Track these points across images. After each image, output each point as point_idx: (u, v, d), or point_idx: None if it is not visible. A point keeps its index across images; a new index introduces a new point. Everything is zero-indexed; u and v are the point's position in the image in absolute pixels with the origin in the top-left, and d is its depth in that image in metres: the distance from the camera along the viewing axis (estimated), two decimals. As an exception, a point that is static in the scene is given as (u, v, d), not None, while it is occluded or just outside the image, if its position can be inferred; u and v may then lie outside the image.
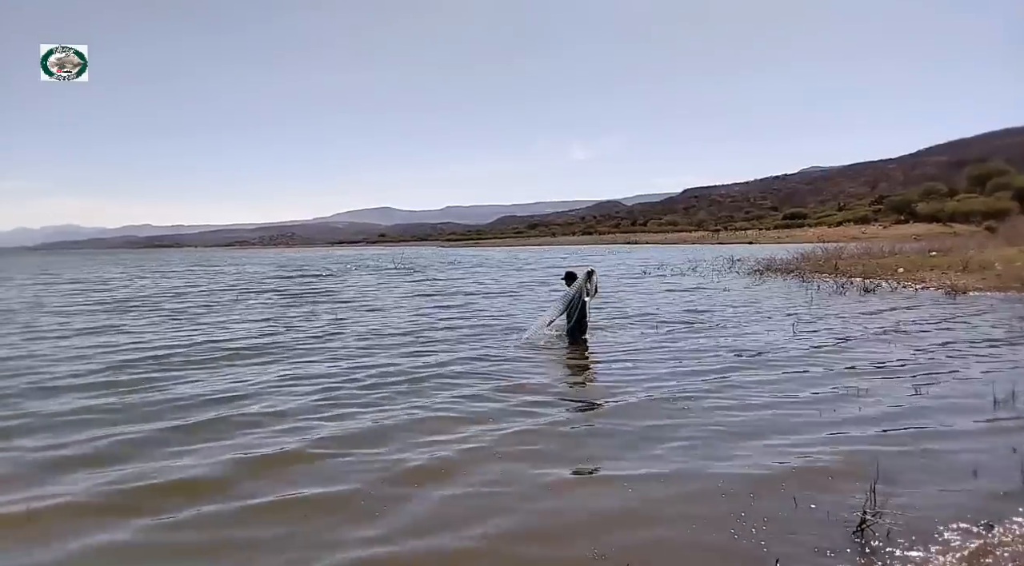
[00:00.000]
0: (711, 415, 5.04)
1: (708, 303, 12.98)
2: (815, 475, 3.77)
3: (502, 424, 4.89)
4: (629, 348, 8.04)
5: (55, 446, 4.57)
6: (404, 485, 3.76)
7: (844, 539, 3.01)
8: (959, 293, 12.80)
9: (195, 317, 12.43)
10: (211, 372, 7.08)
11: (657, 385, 6.07)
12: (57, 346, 8.98)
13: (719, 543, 3.04)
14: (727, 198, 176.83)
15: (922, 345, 7.74)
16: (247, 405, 5.57)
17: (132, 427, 4.95)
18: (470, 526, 3.23)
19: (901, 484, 3.55)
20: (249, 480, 3.87)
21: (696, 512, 3.33)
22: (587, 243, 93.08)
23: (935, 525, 3.11)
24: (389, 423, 4.97)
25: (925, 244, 26.42)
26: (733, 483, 3.67)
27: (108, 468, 4.10)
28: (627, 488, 3.67)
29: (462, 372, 6.83)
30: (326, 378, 6.59)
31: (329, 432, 4.76)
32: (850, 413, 5.01)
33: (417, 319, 11.49)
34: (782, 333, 8.88)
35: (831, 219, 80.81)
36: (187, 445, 4.52)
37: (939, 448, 4.19)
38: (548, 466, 4.01)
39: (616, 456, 4.21)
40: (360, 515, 3.38)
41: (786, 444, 4.32)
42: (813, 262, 21.13)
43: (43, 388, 6.38)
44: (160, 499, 3.61)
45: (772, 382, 6.08)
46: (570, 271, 8.67)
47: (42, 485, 3.86)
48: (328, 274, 28.04)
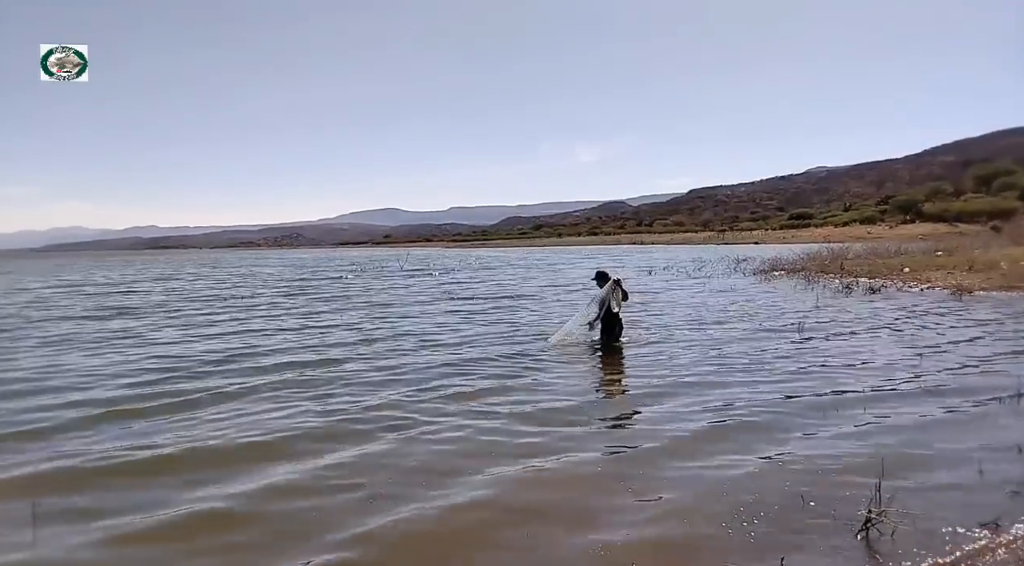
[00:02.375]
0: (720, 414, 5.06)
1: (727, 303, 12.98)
2: (819, 473, 3.77)
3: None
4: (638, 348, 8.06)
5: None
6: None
7: (849, 538, 3.01)
8: (965, 293, 12.75)
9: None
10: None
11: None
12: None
13: (722, 540, 3.05)
14: (733, 198, 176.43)
15: (928, 344, 7.72)
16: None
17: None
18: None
19: (906, 482, 3.55)
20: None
21: (699, 508, 3.34)
22: (593, 244, 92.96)
23: (941, 523, 3.10)
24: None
25: (931, 244, 26.33)
26: (736, 480, 3.69)
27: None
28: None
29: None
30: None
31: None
32: (853, 410, 5.01)
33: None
34: (788, 337, 8.89)
35: (837, 219, 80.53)
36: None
37: (945, 446, 4.19)
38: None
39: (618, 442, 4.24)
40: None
41: (790, 441, 4.34)
42: (819, 262, 21.08)
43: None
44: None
45: (779, 376, 6.10)
46: (601, 271, 8.44)
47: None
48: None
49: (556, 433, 4.67)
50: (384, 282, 22.95)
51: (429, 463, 4.11)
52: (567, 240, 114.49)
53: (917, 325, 9.24)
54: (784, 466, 3.90)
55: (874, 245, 28.79)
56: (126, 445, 4.54)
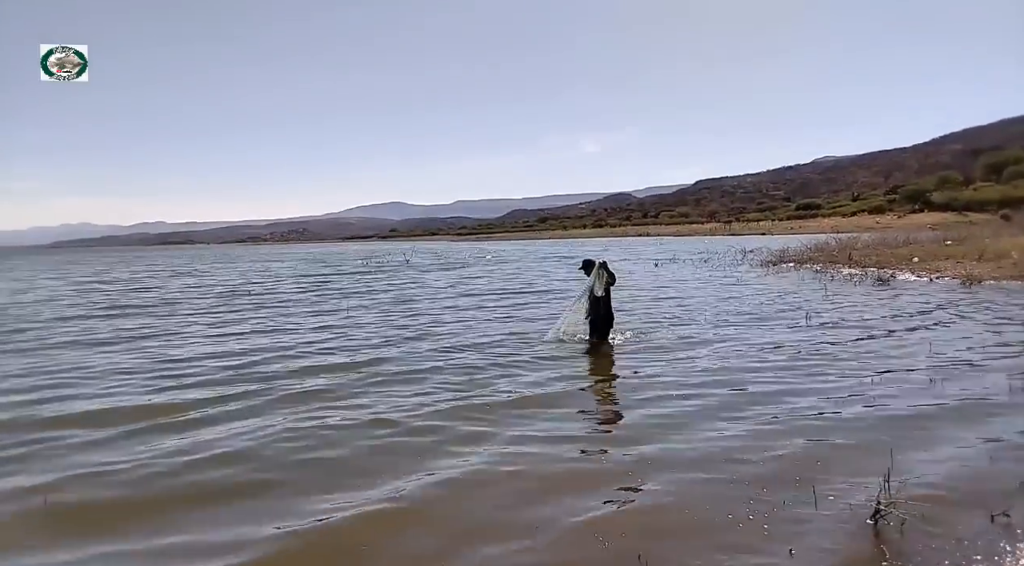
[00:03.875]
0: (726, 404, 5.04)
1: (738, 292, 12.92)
2: (829, 464, 3.75)
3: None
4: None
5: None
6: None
7: (858, 529, 2.99)
8: (975, 282, 12.64)
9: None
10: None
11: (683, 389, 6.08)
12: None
13: (730, 530, 3.03)
14: (739, 189, 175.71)
15: (937, 334, 7.65)
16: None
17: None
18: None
19: (916, 473, 3.51)
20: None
21: (708, 496, 3.33)
22: (598, 236, 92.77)
23: (951, 515, 3.07)
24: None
25: (940, 233, 26.11)
26: (745, 469, 3.68)
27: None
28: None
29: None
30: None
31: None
32: (863, 401, 4.97)
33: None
34: (797, 329, 8.84)
35: (845, 209, 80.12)
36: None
37: (955, 436, 4.15)
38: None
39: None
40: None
41: (799, 431, 4.31)
42: (827, 253, 20.95)
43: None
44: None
45: (785, 369, 6.07)
46: (587, 260, 8.05)
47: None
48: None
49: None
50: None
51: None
52: (572, 233, 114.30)
53: (926, 315, 9.17)
54: (792, 455, 3.88)
55: (883, 235, 28.60)
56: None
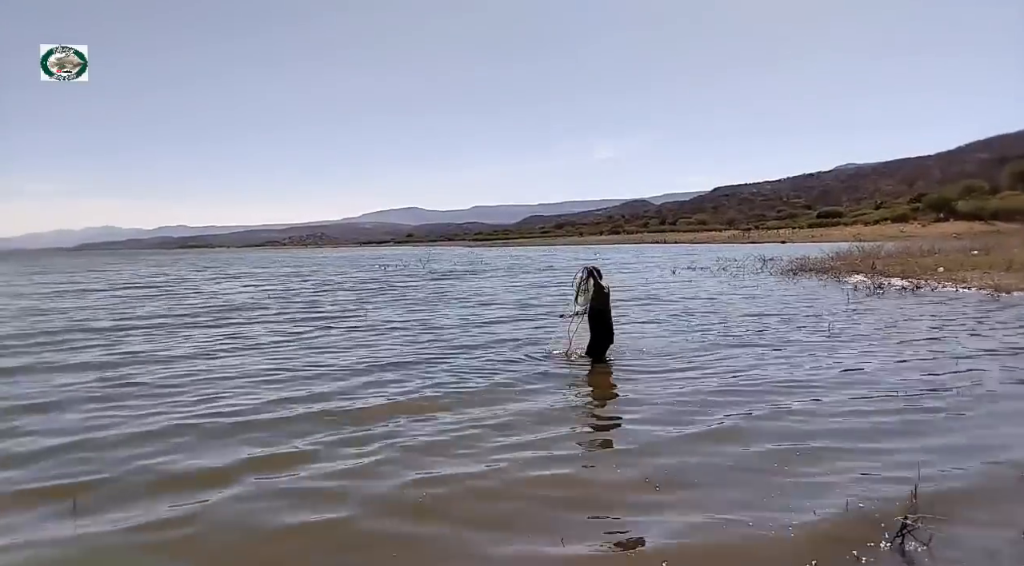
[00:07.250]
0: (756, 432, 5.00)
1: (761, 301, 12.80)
2: (856, 478, 3.71)
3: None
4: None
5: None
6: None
7: (883, 543, 2.96)
8: (1003, 293, 12.39)
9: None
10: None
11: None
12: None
13: (755, 541, 3.02)
14: (758, 196, 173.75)
15: (967, 349, 7.52)
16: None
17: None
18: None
19: (943, 489, 3.47)
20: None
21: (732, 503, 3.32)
22: (615, 243, 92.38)
23: (978, 533, 3.04)
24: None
25: (966, 243, 25.65)
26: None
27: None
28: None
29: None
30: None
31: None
32: (890, 417, 4.91)
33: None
34: (816, 334, 8.74)
35: (868, 217, 78.87)
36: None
37: (983, 454, 4.08)
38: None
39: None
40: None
41: (826, 444, 4.27)
42: (850, 262, 20.66)
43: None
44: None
45: (808, 385, 6.01)
46: (587, 268, 7.48)
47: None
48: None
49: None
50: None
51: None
52: (589, 239, 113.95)
53: (955, 327, 9.01)
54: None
55: (907, 244, 28.13)
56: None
